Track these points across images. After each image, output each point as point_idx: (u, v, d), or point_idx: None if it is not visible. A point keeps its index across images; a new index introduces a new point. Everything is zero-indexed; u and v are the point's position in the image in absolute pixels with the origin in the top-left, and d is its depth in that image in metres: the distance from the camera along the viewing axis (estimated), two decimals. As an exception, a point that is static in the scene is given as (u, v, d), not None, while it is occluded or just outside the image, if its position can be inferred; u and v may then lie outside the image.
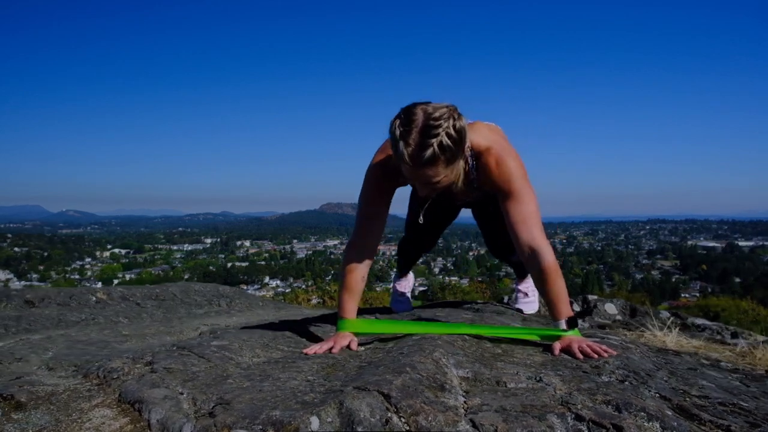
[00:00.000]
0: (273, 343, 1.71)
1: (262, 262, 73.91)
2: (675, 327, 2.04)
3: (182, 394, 1.19)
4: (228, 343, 1.64)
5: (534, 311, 2.54)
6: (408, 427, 0.97)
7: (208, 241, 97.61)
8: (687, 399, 1.21)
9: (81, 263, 70.23)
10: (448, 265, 68.85)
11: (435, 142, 1.38)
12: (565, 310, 1.57)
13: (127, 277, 53.39)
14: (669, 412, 1.07)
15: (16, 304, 3.30)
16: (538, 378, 1.25)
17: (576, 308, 2.98)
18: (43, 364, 1.70)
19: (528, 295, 2.54)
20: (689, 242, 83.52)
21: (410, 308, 2.54)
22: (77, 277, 57.47)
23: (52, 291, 3.75)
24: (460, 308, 2.50)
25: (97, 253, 78.21)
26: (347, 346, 1.60)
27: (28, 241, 79.27)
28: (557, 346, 1.49)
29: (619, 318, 2.85)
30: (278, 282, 57.01)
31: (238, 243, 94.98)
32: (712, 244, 78.86)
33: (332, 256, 76.89)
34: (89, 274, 60.96)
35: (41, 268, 63.61)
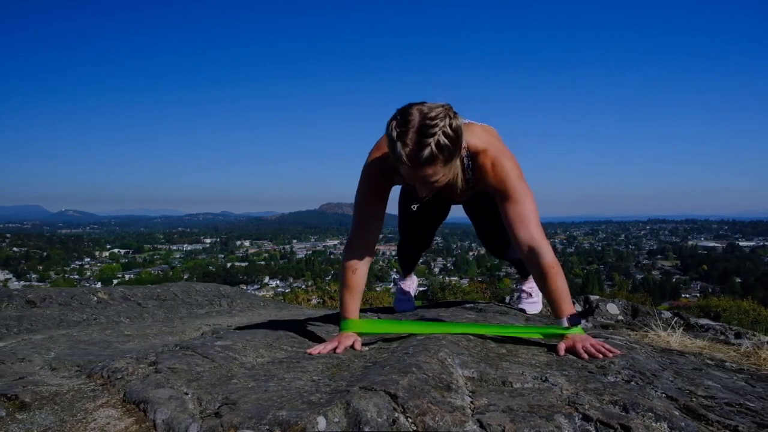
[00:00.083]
0: (277, 343, 1.71)
1: (262, 262, 73.89)
2: (679, 327, 2.04)
3: (187, 394, 1.19)
4: (231, 343, 1.64)
5: (537, 312, 2.53)
6: (415, 428, 0.96)
7: (208, 241, 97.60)
8: (693, 399, 1.21)
9: (80, 263, 70.21)
10: (448, 265, 68.85)
11: (432, 141, 1.38)
12: (567, 308, 1.56)
13: (127, 277, 53.37)
14: (676, 413, 1.07)
15: (17, 304, 3.29)
16: (544, 378, 1.24)
17: (578, 308, 2.98)
18: (46, 364, 1.69)
19: (532, 296, 2.53)
20: (690, 242, 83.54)
21: (413, 308, 2.54)
22: (76, 277, 57.45)
23: (54, 291, 3.75)
24: (462, 308, 2.50)
25: (97, 253, 78.20)
26: (351, 346, 1.60)
27: (27, 241, 79.26)
28: (562, 347, 1.49)
29: (621, 318, 2.85)
30: (278, 282, 56.98)
31: (238, 243, 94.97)
32: (712, 245, 78.88)
33: (332, 256, 76.87)
34: (88, 274, 60.93)
35: (40, 268, 63.59)
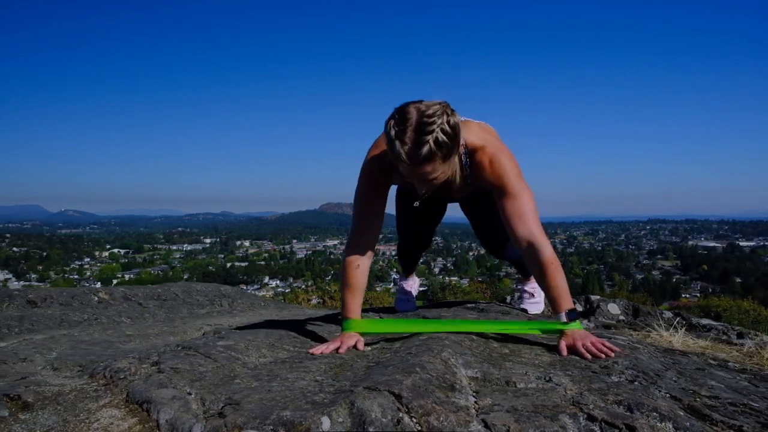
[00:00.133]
0: (279, 343, 1.71)
1: (262, 262, 73.88)
2: (681, 327, 2.03)
3: (190, 394, 1.19)
4: (234, 343, 1.63)
5: (539, 312, 2.53)
6: (420, 428, 0.96)
7: (208, 241, 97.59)
8: (697, 399, 1.20)
9: (80, 263, 70.20)
10: (448, 265, 68.85)
11: (431, 138, 1.39)
12: (566, 304, 1.56)
13: (126, 277, 53.37)
14: (681, 413, 1.07)
15: (18, 304, 3.29)
16: (548, 378, 1.24)
17: (579, 308, 2.97)
18: (48, 364, 1.69)
19: (534, 296, 2.53)
20: (690, 242, 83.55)
21: (415, 308, 2.54)
22: (76, 277, 57.44)
23: (54, 291, 3.74)
24: (464, 308, 2.50)
25: (96, 253, 78.19)
26: (354, 346, 1.60)
27: (27, 241, 79.26)
28: (563, 346, 1.48)
29: (623, 318, 2.84)
30: (278, 282, 56.97)
31: (238, 243, 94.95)
32: (712, 245, 78.88)
33: (332, 256, 76.86)
34: (88, 274, 60.93)
35: (40, 268, 63.57)
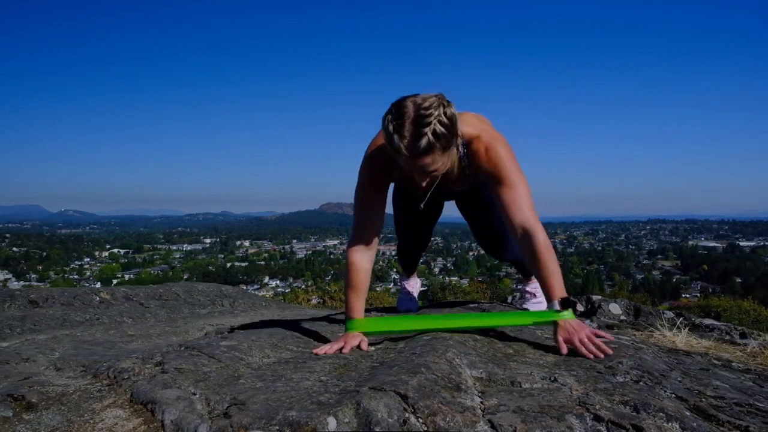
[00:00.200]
0: (282, 344, 1.70)
1: (262, 262, 73.87)
2: (685, 327, 2.03)
3: (195, 394, 1.18)
4: (237, 343, 1.63)
5: None
6: (426, 428, 0.96)
7: (208, 241, 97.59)
8: (703, 400, 1.20)
9: (80, 263, 70.19)
10: (448, 265, 68.86)
11: (429, 130, 1.39)
12: (559, 291, 1.55)
13: (126, 277, 53.36)
14: (687, 413, 1.06)
15: (19, 304, 3.29)
16: (553, 378, 1.24)
17: (580, 308, 2.97)
18: (51, 364, 1.69)
19: (536, 296, 2.52)
20: (690, 242, 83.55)
21: (417, 308, 2.53)
22: (76, 277, 57.44)
23: (56, 291, 3.74)
24: (466, 309, 2.49)
25: (96, 253, 78.19)
26: (357, 347, 1.59)
27: (27, 240, 79.27)
28: (561, 342, 1.48)
29: (624, 318, 2.84)
30: (278, 282, 56.96)
31: (238, 243, 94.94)
32: (712, 245, 78.88)
33: (332, 256, 76.87)
34: (88, 274, 60.92)
35: (40, 268, 63.57)
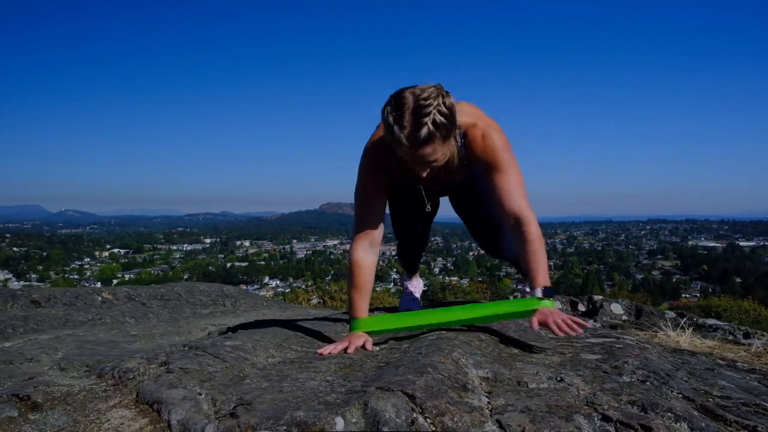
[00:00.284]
0: (286, 344, 1.70)
1: (262, 262, 73.85)
2: (689, 327, 2.03)
3: (201, 394, 1.18)
4: (241, 343, 1.63)
5: None
6: (434, 428, 0.95)
7: (208, 241, 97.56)
8: (710, 399, 1.20)
9: (80, 263, 70.19)
10: (448, 265, 68.84)
11: (429, 120, 1.41)
12: (543, 280, 1.58)
13: (127, 277, 53.35)
14: (695, 413, 1.06)
15: (22, 304, 3.29)
16: (559, 378, 1.23)
17: (581, 308, 2.97)
18: (55, 364, 1.69)
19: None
20: (690, 242, 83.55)
21: (419, 308, 2.53)
22: (76, 277, 57.43)
23: (58, 291, 3.74)
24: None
25: (96, 253, 78.17)
26: (362, 346, 1.59)
27: (27, 241, 79.26)
28: (534, 321, 1.52)
29: (626, 318, 2.84)
30: (278, 282, 56.94)
31: (238, 243, 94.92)
32: (712, 245, 78.88)
33: (332, 256, 76.85)
34: (88, 274, 60.91)
35: (40, 268, 63.55)
